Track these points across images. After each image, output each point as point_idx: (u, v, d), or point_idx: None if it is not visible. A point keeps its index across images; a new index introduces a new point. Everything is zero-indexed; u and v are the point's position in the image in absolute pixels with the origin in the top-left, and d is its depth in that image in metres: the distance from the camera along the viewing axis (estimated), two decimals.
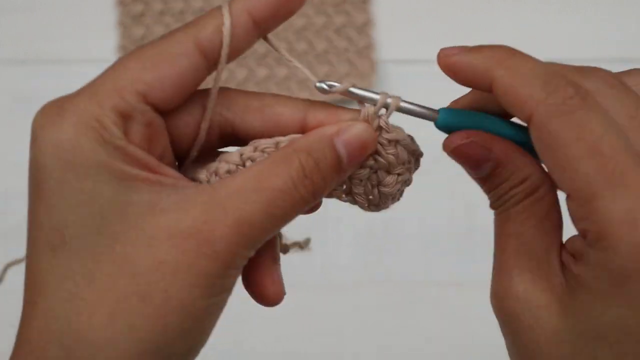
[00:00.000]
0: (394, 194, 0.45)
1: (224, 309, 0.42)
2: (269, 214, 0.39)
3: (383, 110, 0.43)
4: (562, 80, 0.37)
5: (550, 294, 0.39)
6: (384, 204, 0.45)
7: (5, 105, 0.97)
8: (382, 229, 0.96)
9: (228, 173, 0.42)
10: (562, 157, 0.37)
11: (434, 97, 0.49)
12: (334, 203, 0.46)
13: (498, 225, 0.41)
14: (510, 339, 0.41)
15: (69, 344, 0.37)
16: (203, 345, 0.40)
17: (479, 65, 0.40)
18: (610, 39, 0.99)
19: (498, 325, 0.43)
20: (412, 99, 0.43)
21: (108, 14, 0.99)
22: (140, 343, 0.37)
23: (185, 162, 0.43)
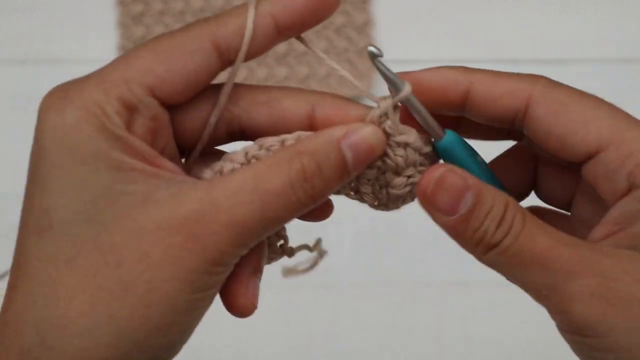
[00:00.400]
0: (404, 196, 0.44)
1: (224, 309, 0.41)
2: (264, 216, 0.38)
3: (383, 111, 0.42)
4: (536, 75, 0.42)
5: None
6: (394, 205, 0.44)
7: (5, 105, 0.97)
8: (382, 229, 0.96)
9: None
10: (575, 115, 0.40)
11: None
12: (334, 202, 0.46)
13: (514, 257, 0.39)
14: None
15: (45, 329, 0.37)
16: (184, 343, 0.40)
17: (451, 74, 0.42)
18: (610, 39, 0.99)
19: (497, 325, 0.43)
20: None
21: (108, 14, 0.99)
22: (119, 334, 0.37)
23: (191, 157, 0.43)
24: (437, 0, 1.00)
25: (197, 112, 0.42)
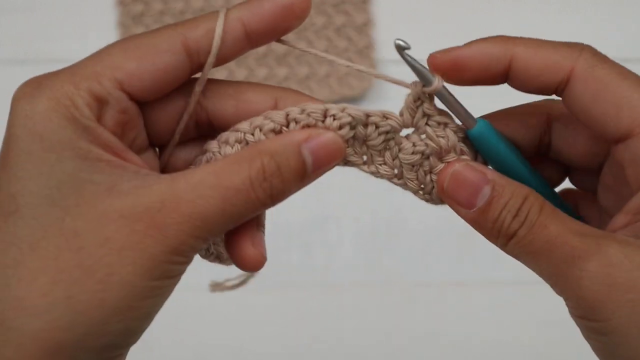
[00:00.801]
0: None
1: (224, 309, 0.42)
2: (224, 211, 0.39)
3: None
4: (580, 44, 0.42)
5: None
6: (438, 196, 0.45)
7: (5, 105, 0.97)
8: (382, 229, 0.96)
9: (238, 143, 0.43)
10: (612, 97, 0.40)
11: None
12: (334, 203, 0.46)
13: (528, 246, 0.40)
14: (626, 315, 0.39)
15: (5, 310, 0.38)
16: (140, 331, 0.41)
17: (492, 49, 0.41)
18: (610, 39, 0.99)
19: (497, 325, 0.43)
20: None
21: (108, 14, 0.99)
22: (76, 315, 0.38)
23: (165, 152, 0.45)
24: (437, 0, 1.00)
25: (169, 105, 0.43)
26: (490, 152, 0.43)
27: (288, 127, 0.42)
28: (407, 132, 0.44)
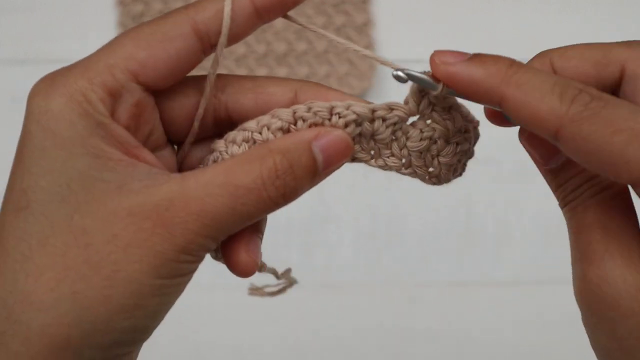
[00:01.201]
0: (455, 165, 0.45)
1: (224, 309, 0.41)
2: (234, 210, 0.39)
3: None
4: (574, 89, 0.37)
5: None
6: (446, 177, 0.45)
7: (5, 105, 0.97)
8: (382, 229, 0.96)
9: (246, 142, 0.43)
10: (606, 155, 0.36)
11: None
12: (334, 203, 0.46)
13: (575, 218, 0.40)
14: (605, 330, 0.39)
15: (12, 304, 0.38)
16: (150, 330, 0.40)
17: (485, 82, 0.39)
18: (610, 39, 0.99)
19: (497, 325, 0.43)
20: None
21: (108, 14, 0.99)
22: (81, 311, 0.38)
23: (183, 146, 0.44)
24: (437, 0, 1.00)
25: (185, 98, 0.43)
26: None
27: (296, 125, 0.42)
28: (411, 119, 0.44)
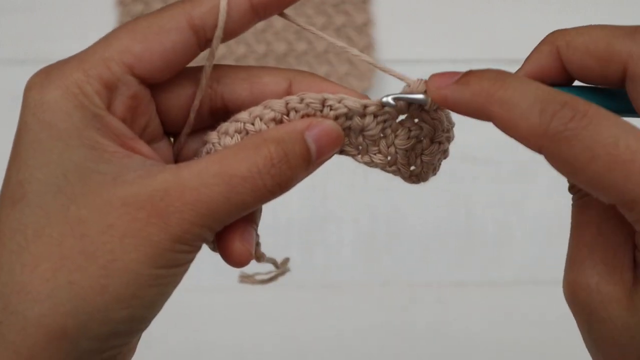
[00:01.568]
0: (435, 165, 0.46)
1: (224, 308, 0.41)
2: (229, 199, 0.39)
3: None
4: (556, 104, 0.36)
5: (621, 288, 0.38)
6: (425, 176, 0.46)
7: (5, 105, 0.97)
8: (382, 229, 0.96)
9: (238, 133, 0.43)
10: (587, 178, 0.36)
11: None
12: (334, 203, 0.46)
13: (576, 212, 0.41)
14: (585, 330, 0.40)
15: (8, 294, 0.38)
16: (147, 321, 0.40)
17: (472, 103, 0.39)
18: None
19: (497, 325, 0.43)
20: None
21: (108, 14, 0.99)
22: (78, 302, 0.38)
23: (179, 137, 0.45)
24: (437, 0, 1.00)
25: (181, 90, 0.43)
26: None
27: (288, 115, 0.43)
28: (400, 117, 0.45)
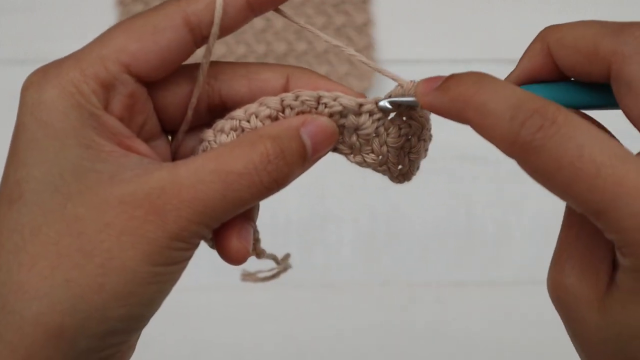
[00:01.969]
0: (418, 163, 0.46)
1: (223, 308, 0.41)
2: (225, 197, 0.39)
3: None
4: (527, 110, 0.36)
5: (594, 291, 0.38)
6: (410, 174, 0.46)
7: (5, 105, 0.97)
8: (382, 229, 0.96)
9: (234, 130, 0.43)
10: (556, 187, 0.36)
11: None
12: (334, 203, 0.46)
13: (567, 212, 0.41)
14: (565, 327, 0.41)
15: (6, 293, 0.38)
16: (144, 321, 0.40)
17: (451, 110, 0.39)
18: None
19: (497, 325, 0.43)
20: None
21: (108, 14, 1.00)
22: (75, 300, 0.38)
23: (177, 135, 0.45)
24: (437, 0, 1.00)
25: (178, 88, 0.43)
26: None
27: (284, 112, 0.43)
28: (390, 115, 0.45)
